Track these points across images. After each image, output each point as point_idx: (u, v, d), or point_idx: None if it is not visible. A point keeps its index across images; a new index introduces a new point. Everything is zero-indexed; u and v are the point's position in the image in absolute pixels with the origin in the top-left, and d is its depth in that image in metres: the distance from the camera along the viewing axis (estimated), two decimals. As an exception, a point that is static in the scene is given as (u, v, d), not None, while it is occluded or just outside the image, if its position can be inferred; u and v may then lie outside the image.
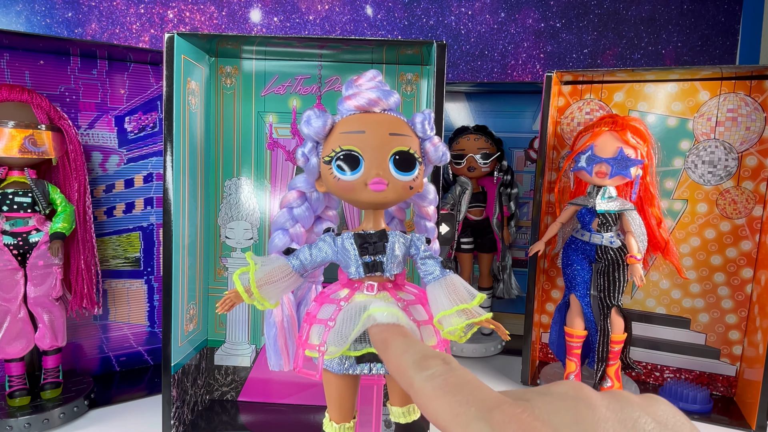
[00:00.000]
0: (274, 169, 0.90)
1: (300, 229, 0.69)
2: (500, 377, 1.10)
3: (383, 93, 0.59)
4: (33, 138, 0.83)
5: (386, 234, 0.60)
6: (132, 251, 1.06)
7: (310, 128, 0.60)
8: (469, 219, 1.25)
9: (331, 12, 1.40)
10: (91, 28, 1.25)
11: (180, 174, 0.77)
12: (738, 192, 0.99)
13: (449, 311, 0.57)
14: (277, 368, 0.70)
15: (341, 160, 0.58)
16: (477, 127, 1.24)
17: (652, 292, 1.08)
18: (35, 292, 0.86)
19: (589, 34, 1.47)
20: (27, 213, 0.86)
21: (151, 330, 1.10)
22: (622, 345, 0.95)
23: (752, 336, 0.96)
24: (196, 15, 1.33)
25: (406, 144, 0.58)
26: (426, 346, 0.38)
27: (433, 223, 0.69)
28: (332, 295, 0.63)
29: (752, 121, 0.97)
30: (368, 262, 0.60)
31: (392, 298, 0.61)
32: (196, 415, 0.87)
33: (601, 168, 0.88)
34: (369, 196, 0.58)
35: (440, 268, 0.61)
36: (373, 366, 0.62)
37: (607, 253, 0.92)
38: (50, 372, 0.90)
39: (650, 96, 1.04)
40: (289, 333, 0.70)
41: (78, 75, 0.97)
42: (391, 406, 0.66)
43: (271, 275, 0.61)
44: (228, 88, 0.88)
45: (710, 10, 1.46)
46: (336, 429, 0.65)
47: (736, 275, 1.01)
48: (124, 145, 1.03)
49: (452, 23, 1.46)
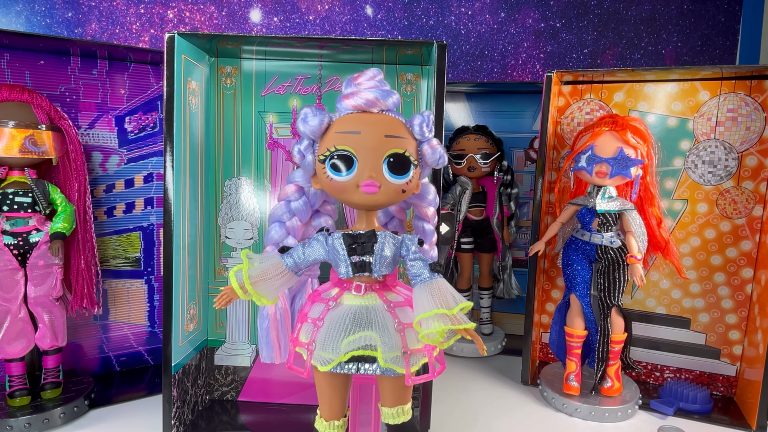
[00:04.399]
0: (274, 169, 0.90)
1: (297, 222, 0.69)
2: (500, 377, 1.10)
3: (382, 93, 0.59)
4: (33, 138, 0.83)
5: (376, 234, 0.60)
6: (132, 251, 1.06)
7: (306, 126, 0.60)
8: (469, 219, 1.25)
9: (331, 12, 1.40)
10: (91, 28, 1.25)
11: (180, 174, 0.77)
12: (738, 192, 0.99)
13: (429, 314, 0.57)
14: (269, 360, 0.71)
15: (335, 160, 0.58)
16: (477, 127, 1.24)
17: (652, 292, 1.08)
18: (35, 292, 0.86)
19: (589, 34, 1.47)
20: (27, 213, 0.86)
21: (152, 330, 1.10)
22: (622, 345, 0.95)
23: (752, 336, 0.96)
24: (196, 15, 1.33)
25: (402, 146, 0.58)
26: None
27: (431, 225, 0.69)
28: (323, 293, 0.64)
29: (752, 121, 0.97)
30: (356, 263, 0.60)
31: (380, 299, 0.62)
32: (197, 415, 0.87)
33: (601, 168, 0.88)
34: (360, 197, 0.59)
35: (429, 271, 0.60)
36: (361, 366, 0.62)
37: (608, 253, 0.92)
38: (50, 372, 0.90)
39: (650, 96, 1.04)
40: (282, 326, 0.70)
41: (78, 75, 0.97)
42: (382, 407, 0.66)
43: (266, 273, 0.62)
44: (228, 88, 0.88)
45: (710, 10, 1.46)
46: (326, 426, 0.66)
47: (736, 275, 1.01)
48: (124, 145, 1.03)
49: (452, 23, 1.46)
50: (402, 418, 0.65)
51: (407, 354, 0.60)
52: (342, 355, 0.59)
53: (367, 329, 0.59)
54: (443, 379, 1.06)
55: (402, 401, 0.65)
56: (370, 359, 0.61)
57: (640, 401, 0.96)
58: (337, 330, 0.59)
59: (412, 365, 0.61)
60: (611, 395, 0.95)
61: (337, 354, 0.59)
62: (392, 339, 0.59)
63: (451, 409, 0.95)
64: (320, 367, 0.61)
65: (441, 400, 0.98)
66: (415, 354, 0.61)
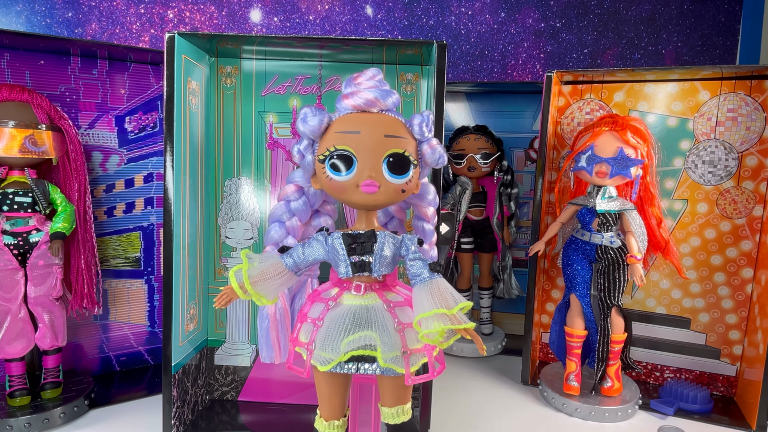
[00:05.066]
0: (274, 169, 0.90)
1: (296, 222, 0.69)
2: (500, 377, 1.10)
3: (381, 93, 0.59)
4: (33, 138, 0.83)
5: (375, 234, 0.60)
6: (132, 251, 1.06)
7: (306, 126, 0.60)
8: (469, 219, 1.25)
9: (331, 12, 1.40)
10: (91, 28, 1.25)
11: (180, 174, 0.77)
12: (738, 192, 0.99)
13: (428, 313, 0.57)
14: (269, 360, 0.71)
15: (335, 160, 0.58)
16: (477, 127, 1.24)
17: (652, 292, 1.08)
18: (35, 291, 0.86)
19: (589, 34, 1.47)
20: (27, 213, 0.86)
21: (152, 330, 1.10)
22: (622, 345, 0.95)
23: (752, 336, 0.96)
24: (196, 15, 1.33)
25: (402, 146, 0.58)
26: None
27: (431, 225, 0.69)
28: (323, 293, 0.64)
29: (752, 121, 0.97)
30: (356, 262, 0.60)
31: (379, 299, 0.62)
32: (197, 415, 0.87)
33: (601, 168, 0.88)
34: (360, 197, 0.59)
35: (428, 270, 0.60)
36: (361, 366, 0.62)
37: (608, 253, 0.92)
38: (50, 372, 0.90)
39: (650, 96, 1.04)
40: (282, 326, 0.70)
41: (78, 75, 0.97)
42: (382, 407, 0.66)
43: (265, 273, 0.62)
44: (228, 88, 0.88)
45: (710, 10, 1.46)
46: (326, 426, 0.66)
47: (737, 275, 1.01)
48: (124, 145, 1.03)
49: (452, 23, 1.46)
50: (402, 418, 0.65)
51: (407, 354, 0.60)
52: (342, 354, 0.59)
53: (367, 329, 0.59)
54: (443, 379, 1.06)
55: (402, 401, 0.65)
56: (370, 359, 0.61)
57: (640, 401, 0.96)
58: (337, 330, 0.59)
59: (412, 365, 0.61)
60: (611, 395, 0.95)
61: (337, 354, 0.59)
62: (392, 339, 0.59)
63: (451, 409, 0.95)
64: (320, 366, 0.61)
65: (441, 400, 0.98)
66: (415, 354, 0.61)
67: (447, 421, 0.90)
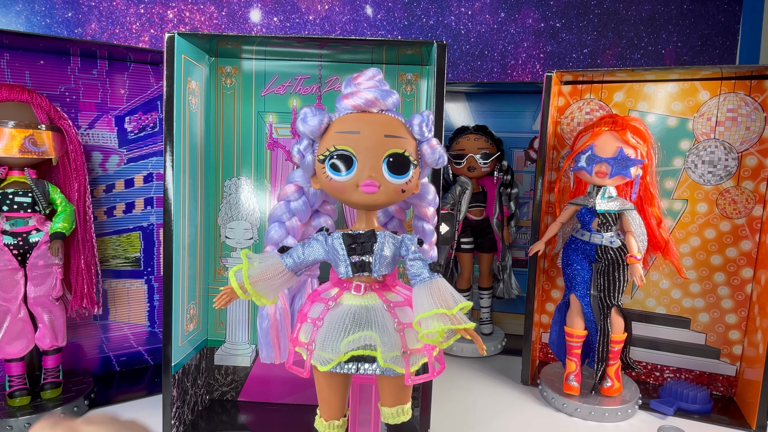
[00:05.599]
0: (274, 169, 0.90)
1: (296, 222, 0.69)
2: (500, 377, 1.10)
3: (381, 93, 0.59)
4: (33, 138, 0.83)
5: (375, 234, 0.60)
6: (132, 251, 1.06)
7: (305, 126, 0.60)
8: (469, 219, 1.25)
9: (331, 12, 1.40)
10: (91, 28, 1.25)
11: (180, 174, 0.77)
12: (738, 192, 0.99)
13: (428, 313, 0.57)
14: (268, 361, 0.71)
15: (335, 160, 0.58)
16: (477, 127, 1.24)
17: (652, 292, 1.08)
18: (35, 292, 0.86)
19: (589, 34, 1.47)
20: (27, 213, 0.86)
21: (151, 330, 1.10)
22: (622, 345, 0.95)
23: (752, 336, 0.96)
24: (196, 15, 1.33)
25: (402, 146, 0.58)
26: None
27: (431, 225, 0.69)
28: (323, 293, 0.64)
29: (752, 120, 0.97)
30: (356, 262, 0.60)
31: (379, 299, 0.62)
32: (197, 415, 0.87)
33: (601, 168, 0.88)
34: (360, 197, 0.59)
35: (428, 270, 0.60)
36: (361, 366, 0.62)
37: (607, 253, 0.92)
38: (50, 372, 0.90)
39: (650, 96, 1.04)
40: (281, 326, 0.70)
41: (78, 75, 0.97)
42: (382, 407, 0.66)
43: (265, 273, 0.62)
44: (228, 88, 0.88)
45: (710, 10, 1.46)
46: (326, 426, 0.66)
47: (736, 275, 1.01)
48: (124, 145, 1.03)
49: (452, 23, 1.46)
50: (402, 418, 0.65)
51: (407, 354, 0.60)
52: (342, 354, 0.59)
53: (367, 329, 0.59)
54: (443, 379, 1.06)
55: (402, 401, 0.65)
56: (370, 359, 0.61)
57: (640, 401, 0.96)
58: (337, 330, 0.59)
59: (412, 365, 0.61)
60: (611, 395, 0.95)
61: (337, 354, 0.59)
62: (392, 339, 0.59)
63: (451, 409, 0.95)
64: (320, 367, 0.61)
65: (441, 400, 0.98)
66: (415, 354, 0.61)
67: (447, 421, 0.90)
